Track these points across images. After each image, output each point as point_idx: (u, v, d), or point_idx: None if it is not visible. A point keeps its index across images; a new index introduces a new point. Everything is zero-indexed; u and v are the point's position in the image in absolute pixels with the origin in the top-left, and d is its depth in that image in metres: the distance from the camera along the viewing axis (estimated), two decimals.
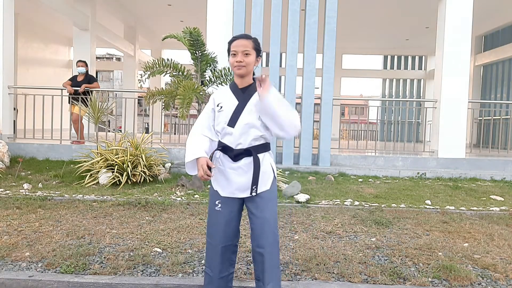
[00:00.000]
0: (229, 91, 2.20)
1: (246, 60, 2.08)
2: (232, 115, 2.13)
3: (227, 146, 2.14)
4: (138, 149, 5.73)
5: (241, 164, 2.13)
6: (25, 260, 2.75)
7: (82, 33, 10.50)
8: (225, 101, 2.17)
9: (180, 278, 2.56)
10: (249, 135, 2.12)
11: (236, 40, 2.12)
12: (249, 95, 2.15)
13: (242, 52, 2.08)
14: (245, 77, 2.15)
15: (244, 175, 2.12)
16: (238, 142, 2.12)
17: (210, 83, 6.05)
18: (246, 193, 2.13)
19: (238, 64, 2.08)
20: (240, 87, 2.18)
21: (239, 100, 2.15)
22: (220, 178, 2.18)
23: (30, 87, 8.36)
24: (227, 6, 7.18)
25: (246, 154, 2.13)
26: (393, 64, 16.95)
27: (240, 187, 2.13)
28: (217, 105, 2.18)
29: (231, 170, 2.14)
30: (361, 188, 5.73)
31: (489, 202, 5.11)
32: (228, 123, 2.13)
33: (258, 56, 2.15)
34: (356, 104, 27.12)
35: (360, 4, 10.62)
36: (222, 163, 2.17)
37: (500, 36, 11.82)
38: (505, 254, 3.12)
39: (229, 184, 2.15)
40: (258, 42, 2.17)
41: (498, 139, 9.84)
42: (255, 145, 2.14)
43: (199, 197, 4.83)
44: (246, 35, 2.16)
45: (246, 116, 2.12)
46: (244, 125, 2.11)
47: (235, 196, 2.15)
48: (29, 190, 4.97)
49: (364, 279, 2.60)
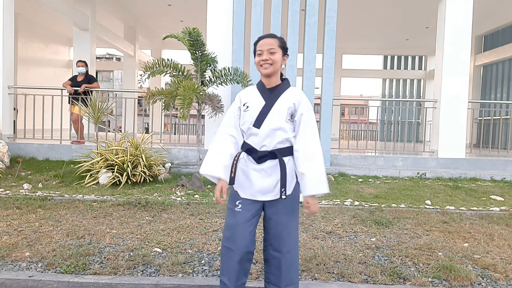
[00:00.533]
0: (256, 90, 2.14)
1: (272, 58, 2.03)
2: (258, 116, 2.06)
3: (251, 147, 2.08)
4: (138, 149, 5.73)
5: (265, 166, 2.06)
6: (25, 260, 2.75)
7: (82, 33, 10.49)
8: (251, 100, 2.11)
9: (180, 278, 2.56)
10: (274, 137, 2.05)
11: (261, 39, 2.08)
12: (277, 96, 2.08)
13: (267, 51, 2.03)
14: (272, 76, 2.09)
15: (267, 178, 2.05)
16: (263, 144, 2.06)
17: (210, 83, 6.06)
18: (268, 197, 2.06)
19: (264, 62, 2.03)
20: (267, 87, 2.11)
21: (266, 100, 2.08)
22: (242, 179, 2.10)
23: (30, 87, 8.36)
24: (227, 6, 7.18)
25: (271, 156, 2.05)
26: (393, 64, 16.95)
27: (262, 189, 2.06)
28: (243, 104, 2.12)
29: (254, 172, 2.07)
30: (361, 188, 5.74)
31: (489, 202, 5.11)
32: (253, 124, 2.06)
33: (285, 55, 2.09)
34: (356, 104, 27.13)
35: (360, 4, 10.61)
36: (245, 164, 2.10)
37: (500, 36, 11.82)
38: (505, 254, 3.12)
39: (251, 186, 2.07)
40: (284, 41, 2.11)
41: (498, 139, 9.84)
42: (280, 148, 2.06)
43: (199, 197, 4.83)
44: (271, 34, 2.11)
45: (272, 118, 2.05)
46: (270, 127, 2.04)
47: (256, 198, 2.07)
48: (29, 190, 4.97)
49: (364, 279, 2.60)
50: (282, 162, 2.04)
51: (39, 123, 7.65)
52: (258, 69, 2.09)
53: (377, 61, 55.72)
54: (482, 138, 9.10)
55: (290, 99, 2.08)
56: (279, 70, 2.09)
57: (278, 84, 2.11)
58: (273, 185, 2.05)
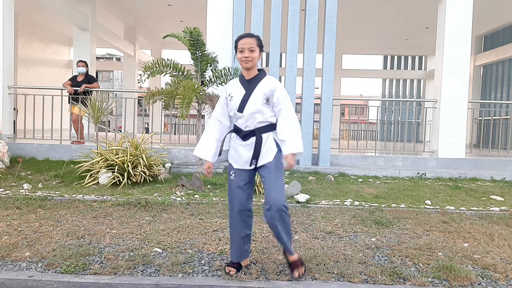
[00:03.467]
0: (238, 82, 2.63)
1: (252, 55, 2.50)
2: (240, 103, 2.55)
3: (238, 128, 2.60)
4: (138, 149, 5.73)
5: (248, 142, 2.56)
6: (25, 260, 2.74)
7: (82, 33, 10.49)
8: (234, 91, 2.60)
9: (180, 278, 2.55)
10: (255, 119, 2.54)
11: (242, 38, 2.53)
12: (254, 85, 2.57)
13: (248, 49, 2.49)
14: (251, 69, 2.57)
15: (251, 151, 2.55)
16: (246, 124, 2.56)
17: (210, 83, 6.05)
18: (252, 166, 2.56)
19: (246, 59, 2.50)
20: (247, 78, 2.59)
21: (246, 90, 2.57)
22: (233, 154, 2.63)
23: (30, 87, 8.36)
24: (227, 6, 7.18)
25: (253, 134, 2.55)
26: (393, 64, 16.95)
27: (247, 161, 2.56)
28: (228, 95, 2.62)
29: (241, 147, 2.59)
30: (361, 188, 5.73)
31: (489, 202, 5.10)
32: (237, 110, 2.55)
33: (261, 51, 2.57)
34: (356, 104, 27.12)
35: (360, 4, 10.62)
36: (235, 141, 2.63)
37: (500, 36, 11.81)
38: (505, 254, 3.12)
39: (240, 158, 2.58)
40: (261, 39, 2.58)
41: (498, 139, 9.84)
42: (260, 127, 2.55)
43: (199, 197, 4.83)
44: (250, 34, 2.58)
45: (252, 103, 2.53)
46: (250, 110, 2.53)
47: (244, 168, 2.57)
48: (29, 190, 4.97)
49: (364, 279, 2.60)
50: (259, 139, 2.54)
51: (39, 123, 7.65)
52: (240, 64, 2.57)
53: (377, 61, 55.79)
54: (482, 138, 9.10)
55: (266, 87, 2.56)
56: (256, 64, 2.58)
57: (256, 75, 2.59)
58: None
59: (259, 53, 2.54)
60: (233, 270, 2.62)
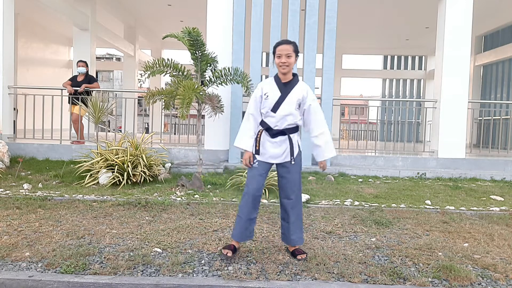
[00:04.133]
0: (274, 83, 2.86)
1: (289, 61, 2.76)
2: (275, 104, 2.80)
3: (268, 126, 2.85)
4: (138, 149, 5.73)
5: (277, 140, 2.86)
6: (25, 260, 2.75)
7: (82, 33, 10.49)
8: (270, 91, 2.84)
9: (180, 278, 2.55)
10: (286, 120, 2.82)
11: (280, 45, 2.78)
12: (290, 89, 2.81)
13: (285, 55, 2.74)
14: (287, 74, 2.81)
15: (278, 147, 2.85)
16: (276, 124, 2.84)
17: (210, 83, 6.05)
18: (277, 160, 2.87)
19: (283, 64, 2.75)
20: (283, 81, 2.84)
21: (281, 92, 2.81)
22: (260, 147, 2.88)
23: (30, 87, 8.36)
24: (227, 6, 7.18)
25: (281, 133, 2.85)
26: (393, 64, 16.94)
27: (273, 155, 2.87)
28: (264, 94, 2.85)
29: (269, 143, 2.87)
30: (361, 188, 5.73)
31: (489, 202, 5.10)
32: (271, 109, 2.80)
33: (297, 56, 2.82)
34: (356, 104, 27.10)
35: (360, 4, 10.61)
36: (263, 137, 2.88)
37: (500, 36, 11.81)
38: (505, 254, 3.12)
39: (266, 152, 2.87)
40: (297, 46, 2.83)
41: (498, 139, 9.84)
42: (289, 128, 2.84)
43: (199, 197, 4.83)
44: (288, 41, 2.82)
45: (285, 106, 2.79)
46: (284, 112, 2.80)
47: (268, 161, 2.89)
48: (29, 190, 4.97)
49: (364, 279, 2.60)
50: (290, 138, 2.85)
51: (39, 123, 7.64)
52: (277, 68, 2.81)
53: (377, 61, 55.74)
54: (482, 138, 9.10)
55: (300, 92, 2.82)
56: (292, 68, 2.79)
57: (291, 80, 2.83)
58: (281, 153, 2.87)
59: (295, 58, 2.79)
60: (229, 252, 2.83)
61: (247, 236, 2.94)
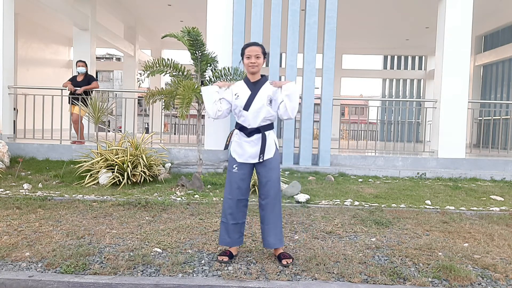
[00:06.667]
0: (244, 84, 2.93)
1: (258, 61, 2.84)
2: (246, 102, 2.85)
3: (242, 125, 2.88)
4: (138, 149, 5.73)
5: (253, 138, 2.85)
6: (25, 260, 2.74)
7: (82, 33, 10.49)
8: (240, 91, 2.90)
9: (180, 278, 2.55)
10: (258, 117, 2.84)
11: (249, 46, 2.87)
12: (259, 87, 2.89)
13: (254, 56, 2.82)
14: (256, 74, 2.90)
15: (255, 146, 2.85)
16: (250, 122, 2.85)
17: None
18: (256, 160, 2.85)
19: (252, 64, 2.83)
20: (252, 81, 2.92)
21: (251, 91, 2.88)
22: (238, 149, 2.89)
23: (30, 87, 8.35)
24: (227, 6, 7.18)
25: (256, 131, 2.85)
26: (393, 64, 16.94)
27: (252, 155, 2.85)
28: (234, 94, 2.90)
29: (245, 143, 2.86)
30: (361, 188, 5.73)
31: (489, 202, 5.10)
32: (243, 107, 2.85)
33: (264, 58, 2.91)
34: (356, 104, 27.10)
35: (360, 4, 10.61)
36: (239, 138, 2.89)
37: (500, 36, 11.81)
38: (505, 254, 3.12)
39: (244, 153, 2.87)
40: (264, 48, 2.93)
41: (498, 139, 9.84)
42: (263, 125, 2.86)
43: (199, 197, 4.83)
44: (256, 43, 2.93)
45: (257, 102, 2.84)
46: (255, 110, 2.83)
47: (248, 161, 2.87)
48: (29, 190, 4.97)
49: (364, 279, 2.60)
50: (264, 136, 2.85)
51: (39, 123, 7.64)
52: (246, 69, 2.91)
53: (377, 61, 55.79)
54: (482, 138, 9.10)
55: (270, 89, 2.89)
56: (260, 69, 2.90)
57: (259, 79, 2.92)
58: (258, 152, 2.86)
59: (263, 59, 2.89)
60: (225, 257, 2.81)
61: (237, 243, 2.91)
